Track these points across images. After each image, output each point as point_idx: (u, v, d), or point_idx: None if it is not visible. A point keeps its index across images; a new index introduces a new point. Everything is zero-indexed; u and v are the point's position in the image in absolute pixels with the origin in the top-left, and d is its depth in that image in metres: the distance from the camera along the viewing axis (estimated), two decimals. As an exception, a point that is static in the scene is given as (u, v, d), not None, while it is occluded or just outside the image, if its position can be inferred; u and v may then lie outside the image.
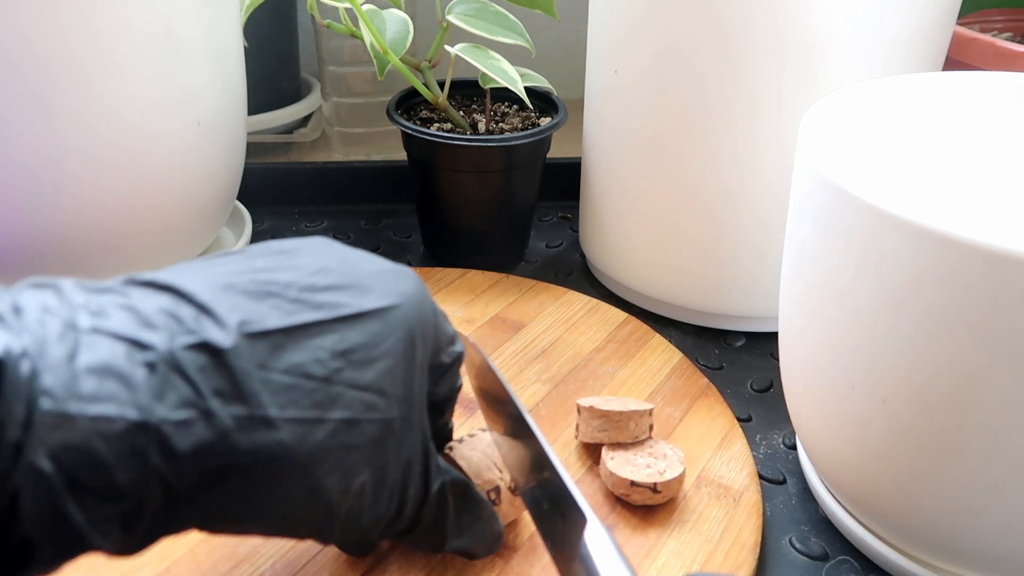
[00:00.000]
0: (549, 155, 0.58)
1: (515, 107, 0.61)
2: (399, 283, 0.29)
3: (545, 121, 0.58)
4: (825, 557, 0.38)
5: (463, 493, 0.32)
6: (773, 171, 0.47)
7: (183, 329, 0.24)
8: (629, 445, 0.40)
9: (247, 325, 0.24)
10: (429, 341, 0.30)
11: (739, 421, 0.44)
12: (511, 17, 0.54)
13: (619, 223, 0.54)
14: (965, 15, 0.71)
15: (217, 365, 0.24)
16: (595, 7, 0.52)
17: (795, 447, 0.44)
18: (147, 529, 0.23)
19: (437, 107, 0.56)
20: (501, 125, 0.58)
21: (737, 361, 0.51)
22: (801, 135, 0.34)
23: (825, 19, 0.42)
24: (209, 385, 0.23)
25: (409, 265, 0.61)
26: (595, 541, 0.27)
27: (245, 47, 0.54)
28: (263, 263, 0.27)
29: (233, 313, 0.25)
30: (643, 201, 0.52)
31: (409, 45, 0.53)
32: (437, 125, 0.56)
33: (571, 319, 0.52)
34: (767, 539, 0.39)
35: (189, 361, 0.23)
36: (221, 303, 0.25)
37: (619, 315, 0.52)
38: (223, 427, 0.23)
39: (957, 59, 0.60)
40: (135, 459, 0.22)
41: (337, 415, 0.26)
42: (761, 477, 0.42)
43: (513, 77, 0.52)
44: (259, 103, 0.71)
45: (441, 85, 0.57)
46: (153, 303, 0.24)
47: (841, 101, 0.38)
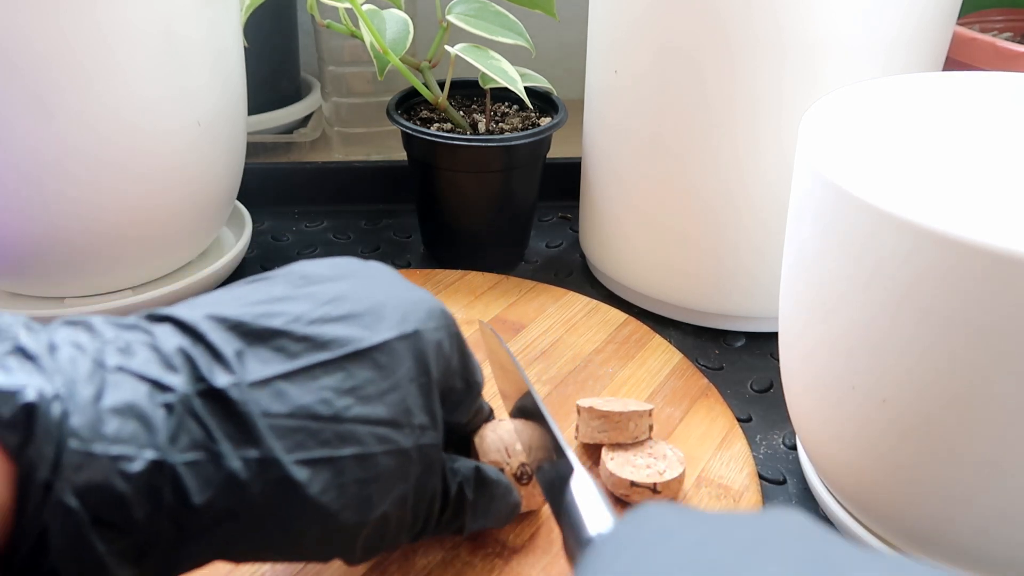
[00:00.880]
0: (549, 155, 0.58)
1: (515, 107, 0.61)
2: (415, 309, 0.29)
3: (545, 121, 0.58)
4: (825, 557, 0.38)
5: (477, 480, 0.32)
6: (773, 171, 0.47)
7: (196, 374, 0.25)
8: (629, 446, 0.40)
9: (250, 374, 0.25)
10: (445, 366, 0.30)
11: (739, 421, 0.44)
12: (511, 17, 0.54)
13: (619, 223, 0.54)
14: (965, 15, 0.71)
15: (225, 411, 0.25)
16: (595, 7, 0.52)
17: (795, 447, 0.44)
18: (159, 562, 0.24)
19: (437, 107, 0.56)
20: (501, 125, 0.58)
21: (737, 361, 0.51)
22: (801, 135, 0.34)
23: (825, 19, 0.42)
24: (220, 429, 0.24)
25: (409, 266, 0.61)
26: (579, 488, 0.28)
27: (245, 47, 0.54)
28: (280, 291, 0.28)
29: (239, 358, 0.25)
30: (643, 201, 0.52)
31: (409, 45, 0.53)
32: (437, 125, 0.56)
33: (571, 320, 0.52)
34: (767, 539, 0.39)
35: (200, 406, 0.24)
36: (229, 345, 0.26)
37: (619, 316, 0.52)
38: (232, 469, 0.24)
39: (957, 59, 0.60)
40: (151, 496, 0.23)
41: (348, 451, 0.26)
42: (761, 477, 0.42)
43: (513, 77, 0.52)
44: (259, 103, 0.71)
45: (441, 85, 0.57)
46: (173, 343, 0.25)
47: (841, 101, 0.38)
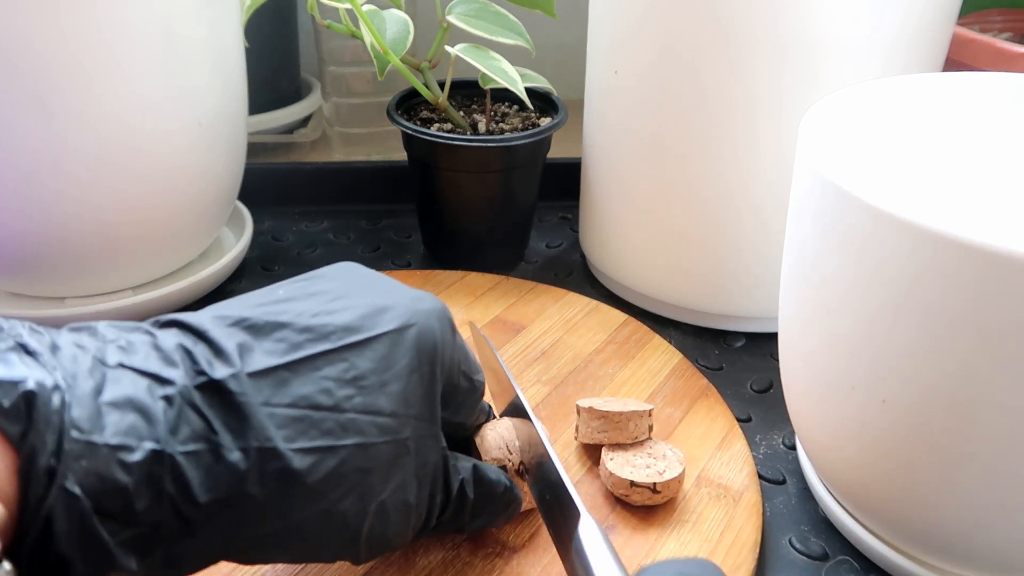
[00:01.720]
0: (549, 155, 0.58)
1: (515, 107, 0.61)
2: (418, 306, 0.30)
3: (545, 121, 0.58)
4: (825, 557, 0.38)
5: (476, 479, 0.33)
6: (773, 171, 0.47)
7: (196, 367, 0.25)
8: (629, 446, 0.40)
9: (250, 365, 0.26)
10: (447, 360, 0.30)
11: (739, 421, 0.44)
12: (511, 17, 0.54)
13: (619, 223, 0.54)
14: (965, 15, 0.71)
15: (225, 403, 0.25)
16: (595, 7, 0.52)
17: (795, 447, 0.44)
18: (165, 554, 0.24)
19: (437, 107, 0.56)
20: (501, 125, 0.58)
21: (737, 361, 0.51)
22: (801, 135, 0.34)
23: (825, 19, 0.42)
24: (220, 420, 0.25)
25: (409, 266, 0.61)
26: (588, 536, 0.28)
27: (245, 47, 0.54)
28: (285, 292, 0.29)
29: (240, 351, 0.26)
30: (643, 201, 0.52)
31: (409, 45, 0.53)
32: (437, 125, 0.56)
33: (571, 320, 0.52)
34: (767, 539, 0.39)
35: (200, 398, 0.25)
36: (230, 339, 0.26)
37: (619, 316, 0.52)
38: (231, 459, 0.25)
39: (957, 59, 0.60)
40: (152, 486, 0.23)
41: (349, 441, 0.27)
42: (761, 477, 0.42)
43: (513, 77, 0.52)
44: (259, 103, 0.71)
45: (441, 85, 0.57)
46: (173, 340, 0.26)
47: (841, 101, 0.38)
